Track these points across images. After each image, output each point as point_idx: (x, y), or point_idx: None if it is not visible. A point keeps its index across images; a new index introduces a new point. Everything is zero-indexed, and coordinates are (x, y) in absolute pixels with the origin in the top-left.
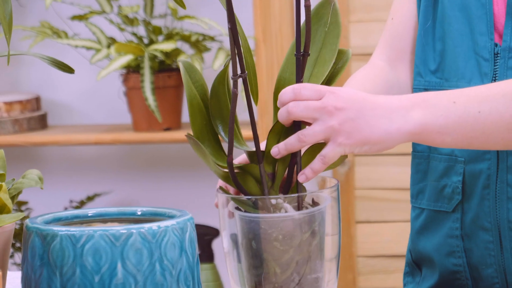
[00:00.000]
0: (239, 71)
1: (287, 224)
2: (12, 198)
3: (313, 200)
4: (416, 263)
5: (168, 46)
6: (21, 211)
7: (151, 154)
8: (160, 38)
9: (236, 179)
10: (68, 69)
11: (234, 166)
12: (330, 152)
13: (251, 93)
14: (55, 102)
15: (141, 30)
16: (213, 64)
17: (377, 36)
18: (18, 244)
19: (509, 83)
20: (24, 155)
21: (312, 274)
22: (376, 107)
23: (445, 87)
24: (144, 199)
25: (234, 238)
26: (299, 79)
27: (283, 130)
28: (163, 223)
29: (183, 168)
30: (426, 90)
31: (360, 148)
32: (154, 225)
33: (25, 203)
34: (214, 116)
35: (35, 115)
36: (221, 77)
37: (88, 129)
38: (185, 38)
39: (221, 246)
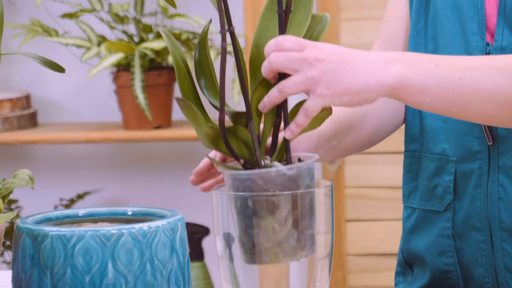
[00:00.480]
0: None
1: (283, 179)
2: (3, 198)
3: (299, 159)
4: (407, 263)
5: (158, 44)
6: (12, 209)
7: (141, 152)
8: (151, 36)
9: (227, 138)
10: (59, 69)
11: (214, 126)
12: (311, 104)
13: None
14: (45, 100)
15: (131, 28)
16: None
17: (368, 34)
18: (8, 243)
19: (497, 57)
20: (15, 153)
21: (308, 230)
22: (357, 59)
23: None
24: (135, 197)
25: (227, 237)
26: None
27: (264, 88)
28: (154, 223)
29: (174, 166)
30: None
31: (340, 99)
32: (144, 225)
33: (15, 201)
34: (198, 78)
35: (25, 113)
36: (203, 41)
37: (78, 127)
38: (176, 36)
39: (211, 244)
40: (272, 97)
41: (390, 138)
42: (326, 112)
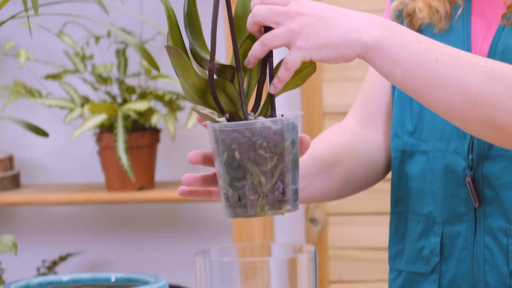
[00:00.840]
0: None
1: (269, 132)
2: None
3: (282, 116)
4: None
5: (141, 105)
6: None
7: (124, 213)
8: (134, 97)
9: (215, 89)
10: (42, 133)
11: (203, 79)
12: (290, 57)
13: None
14: (28, 161)
15: (114, 89)
16: (187, 123)
17: (351, 95)
18: None
19: (481, 58)
20: None
21: (293, 185)
22: (340, 15)
23: (423, 147)
24: (118, 259)
25: None
26: None
27: (250, 43)
28: None
29: (157, 227)
30: (404, 151)
31: (318, 53)
32: None
33: None
34: (187, 30)
35: (8, 175)
36: None
37: (61, 189)
38: (159, 97)
39: None
40: (254, 51)
41: (374, 199)
42: (309, 69)
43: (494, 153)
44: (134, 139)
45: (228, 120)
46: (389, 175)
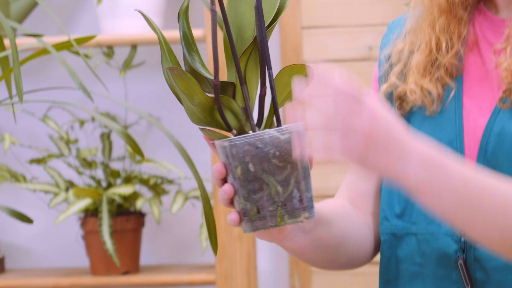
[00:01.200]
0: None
1: (280, 141)
2: None
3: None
4: None
5: (126, 190)
6: None
7: None
8: (119, 181)
9: (221, 104)
10: (27, 220)
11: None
12: (337, 155)
13: (211, 243)
14: (13, 246)
15: (99, 173)
16: (171, 207)
17: (336, 178)
18: None
19: None
20: None
21: (308, 192)
22: (388, 141)
23: (413, 230)
24: None
25: None
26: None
27: (249, 61)
28: None
29: None
30: (393, 234)
31: (359, 168)
32: None
33: None
34: (188, 51)
35: None
36: (185, 14)
37: (46, 273)
38: (144, 181)
39: None
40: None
41: (360, 282)
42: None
43: None
44: (119, 223)
45: (236, 136)
46: (377, 257)
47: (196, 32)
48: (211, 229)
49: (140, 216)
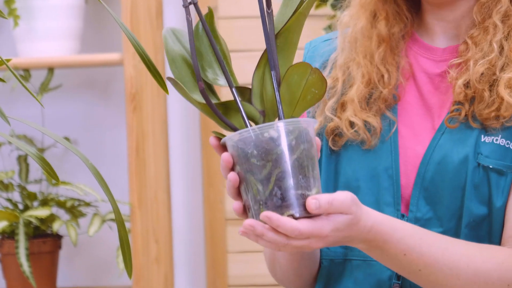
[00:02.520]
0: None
1: (260, 140)
2: None
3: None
4: None
5: (43, 212)
6: None
7: None
8: (36, 203)
9: (213, 104)
10: None
11: (218, 103)
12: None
13: (125, 266)
14: None
15: (16, 196)
16: (88, 230)
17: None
18: None
19: (465, 261)
20: None
21: (297, 190)
22: (343, 238)
23: (349, 256)
24: None
25: None
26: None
27: (266, 65)
28: None
29: None
30: (332, 260)
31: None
32: None
33: None
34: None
35: None
36: (196, 33)
37: None
38: (61, 204)
39: None
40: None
41: None
42: (319, 94)
43: None
44: (36, 245)
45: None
46: None
47: (114, 56)
48: (126, 252)
49: (57, 238)
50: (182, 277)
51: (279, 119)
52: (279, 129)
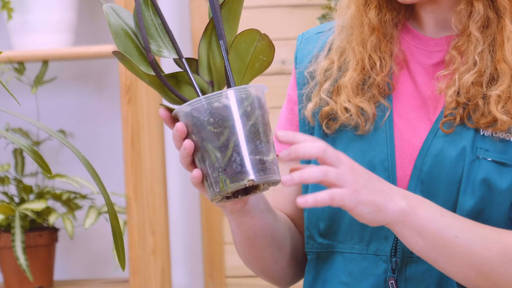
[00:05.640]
0: None
1: (215, 107)
2: None
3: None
4: None
5: (39, 205)
6: None
7: None
8: (32, 196)
9: (162, 76)
10: None
11: (166, 75)
12: (339, 195)
13: (119, 259)
14: None
15: (12, 189)
16: (84, 222)
17: None
18: None
19: (496, 234)
20: None
21: (255, 155)
22: (381, 181)
23: (339, 249)
24: None
25: None
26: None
27: (213, 35)
28: None
29: None
30: (318, 253)
31: (362, 207)
32: None
33: None
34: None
35: None
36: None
37: None
38: (56, 197)
39: None
40: (320, 198)
41: None
42: (267, 62)
43: (417, 256)
44: (32, 238)
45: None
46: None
47: (108, 48)
48: (119, 245)
49: (53, 231)
50: (179, 269)
51: (230, 86)
52: (232, 96)
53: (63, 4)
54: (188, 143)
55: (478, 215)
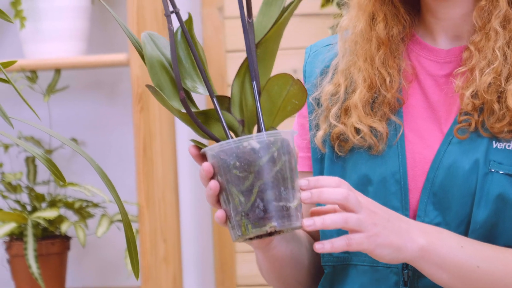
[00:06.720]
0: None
1: (242, 151)
2: None
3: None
4: None
5: (51, 213)
6: None
7: None
8: (44, 205)
9: (193, 114)
10: None
11: (198, 112)
12: (357, 241)
13: (132, 267)
14: None
15: (24, 197)
16: (96, 231)
17: None
18: None
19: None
20: None
21: (279, 202)
22: (399, 220)
23: (354, 261)
24: None
25: None
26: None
27: (246, 74)
28: None
29: None
30: (334, 266)
31: (382, 250)
32: None
33: None
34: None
35: None
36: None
37: None
38: (69, 205)
39: None
40: (337, 245)
41: None
42: (299, 105)
43: None
44: (44, 247)
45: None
46: None
47: (120, 56)
48: (133, 253)
49: (65, 239)
50: (191, 277)
51: (259, 130)
52: (262, 141)
53: (76, 13)
54: (213, 184)
55: (492, 227)
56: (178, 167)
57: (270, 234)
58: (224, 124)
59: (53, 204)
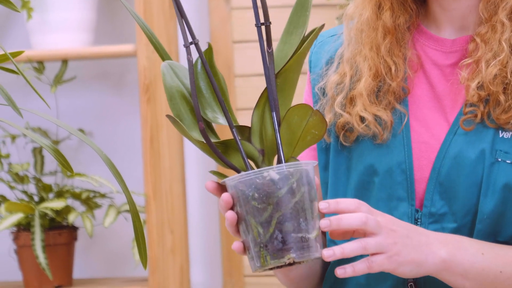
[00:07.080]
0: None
1: (261, 183)
2: None
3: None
4: None
5: (58, 204)
6: None
7: None
8: (51, 195)
9: (213, 144)
10: None
11: (218, 142)
12: (378, 262)
13: (140, 257)
14: None
15: (31, 188)
16: (104, 221)
17: None
18: None
19: None
20: None
21: (297, 233)
22: (418, 235)
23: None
24: None
25: None
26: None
27: (266, 104)
28: None
29: None
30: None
31: (404, 267)
32: None
33: None
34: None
35: None
36: (194, 70)
37: None
38: (76, 196)
39: None
40: (358, 269)
41: None
42: (318, 135)
43: None
44: (52, 237)
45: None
46: None
47: (127, 47)
48: (141, 243)
49: (72, 230)
50: (198, 268)
51: (279, 161)
52: (281, 172)
53: (83, 4)
54: (230, 215)
55: (499, 217)
56: (185, 158)
57: (290, 264)
58: (244, 154)
59: (60, 194)
